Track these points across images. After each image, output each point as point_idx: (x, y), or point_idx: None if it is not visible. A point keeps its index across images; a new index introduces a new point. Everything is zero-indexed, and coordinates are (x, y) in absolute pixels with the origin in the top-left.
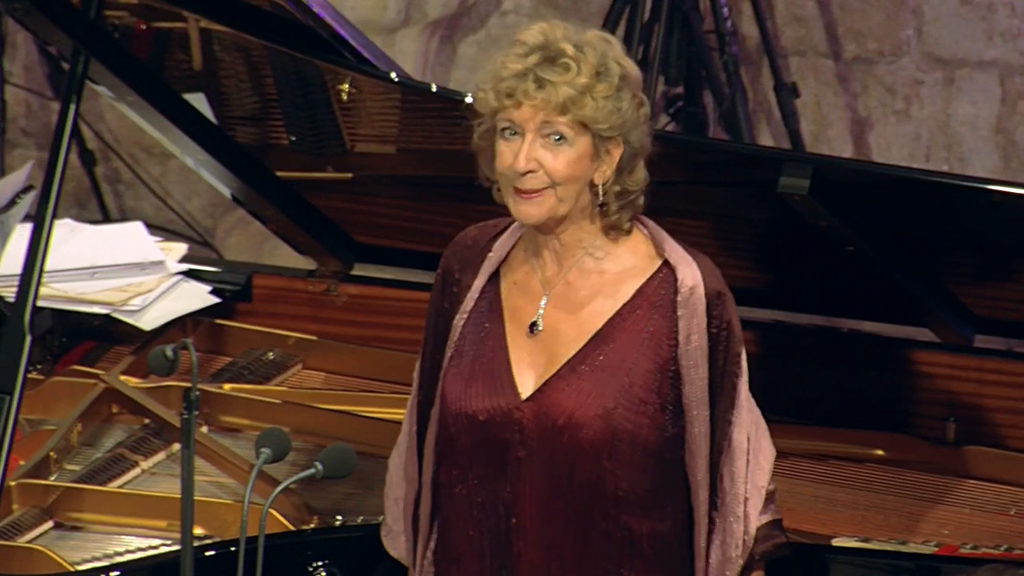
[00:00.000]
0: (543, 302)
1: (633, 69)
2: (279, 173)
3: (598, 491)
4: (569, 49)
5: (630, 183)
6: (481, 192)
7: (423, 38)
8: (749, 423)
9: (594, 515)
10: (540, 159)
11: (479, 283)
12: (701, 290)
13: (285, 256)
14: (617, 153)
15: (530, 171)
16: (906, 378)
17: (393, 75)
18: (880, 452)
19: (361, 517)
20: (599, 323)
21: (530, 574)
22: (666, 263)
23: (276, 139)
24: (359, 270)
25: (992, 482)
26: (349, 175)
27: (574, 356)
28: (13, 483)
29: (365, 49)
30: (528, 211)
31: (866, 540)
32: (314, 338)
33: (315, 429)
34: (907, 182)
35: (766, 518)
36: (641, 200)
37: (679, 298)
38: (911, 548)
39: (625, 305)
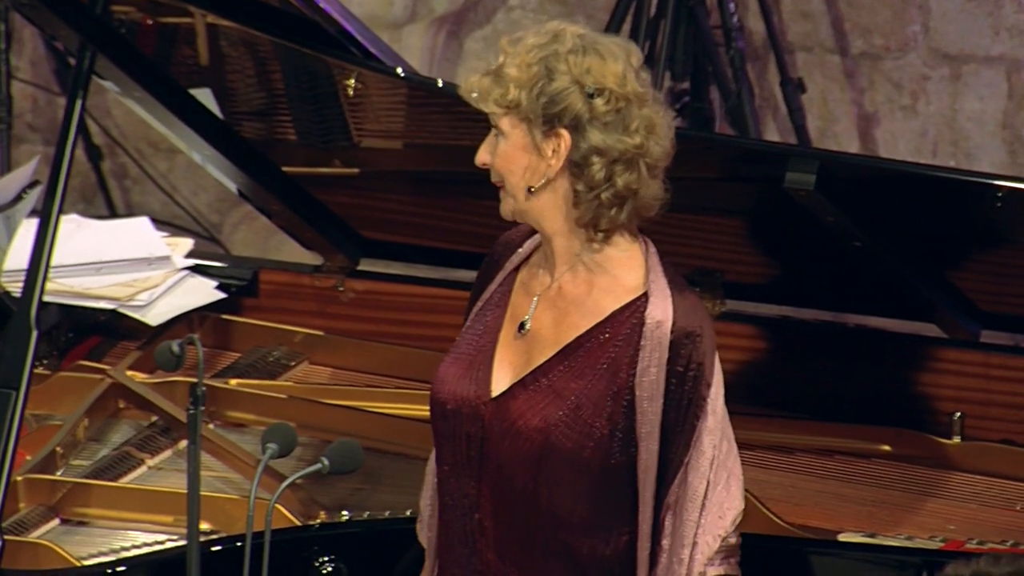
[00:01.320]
0: (534, 302)
1: (590, 65)
2: (285, 168)
3: (535, 504)
4: (504, 43)
5: (584, 182)
6: (487, 188)
7: (429, 34)
8: (713, 469)
9: (534, 527)
10: (492, 154)
11: (500, 277)
12: (668, 326)
13: (291, 251)
14: (563, 146)
15: (484, 164)
16: (912, 373)
17: (399, 71)
18: (886, 447)
19: (367, 512)
20: (571, 337)
21: (491, 573)
22: (646, 294)
23: (282, 134)
24: (365, 265)
25: (999, 477)
26: (355, 170)
27: (540, 366)
28: (19, 478)
29: (371, 45)
30: (500, 209)
31: (872, 535)
32: (320, 333)
33: (321, 424)
34: (913, 178)
35: (718, 571)
36: (623, 209)
37: (644, 329)
38: (917, 543)
39: (597, 325)
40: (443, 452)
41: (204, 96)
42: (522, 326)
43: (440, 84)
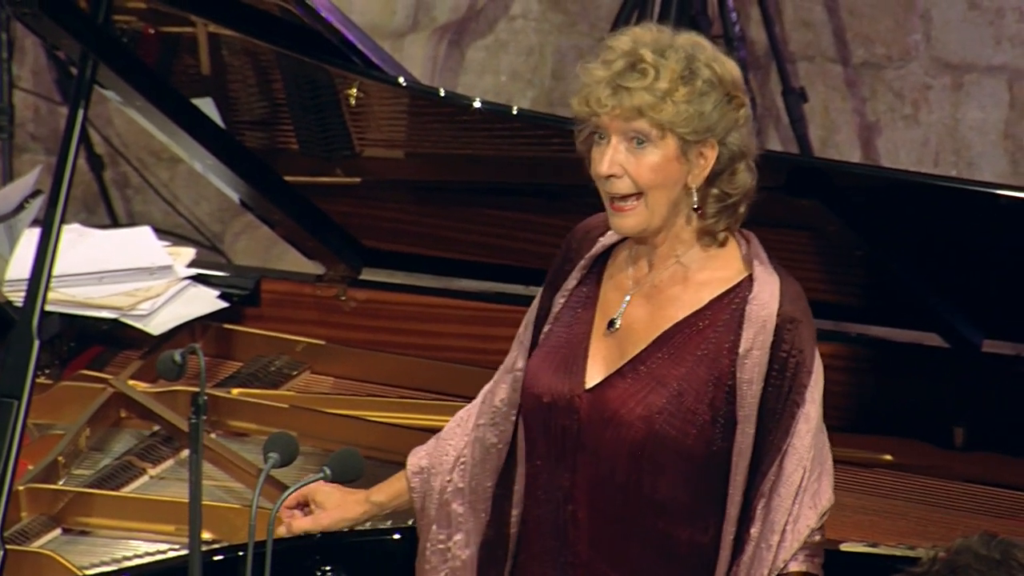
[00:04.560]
0: (626, 300)
1: (728, 70)
2: (287, 177)
3: (636, 493)
4: (648, 56)
5: (729, 187)
6: (489, 196)
7: (431, 43)
8: (811, 459)
9: (633, 517)
10: (624, 164)
11: (580, 268)
12: (774, 308)
13: (293, 261)
14: (712, 155)
15: (613, 175)
16: (914, 383)
17: (401, 80)
18: (889, 457)
19: (369, 522)
20: (668, 326)
21: (581, 565)
22: (750, 277)
23: (284, 144)
24: (367, 275)
25: (1000, 487)
26: (357, 179)
27: (637, 355)
28: (21, 488)
29: (373, 54)
30: (621, 224)
31: (874, 545)
32: (322, 343)
33: (323, 434)
34: (915, 187)
35: (799, 567)
36: (742, 209)
37: (748, 310)
38: (920, 553)
39: (697, 312)
40: (537, 446)
41: (206, 105)
42: (611, 324)
43: (442, 93)
